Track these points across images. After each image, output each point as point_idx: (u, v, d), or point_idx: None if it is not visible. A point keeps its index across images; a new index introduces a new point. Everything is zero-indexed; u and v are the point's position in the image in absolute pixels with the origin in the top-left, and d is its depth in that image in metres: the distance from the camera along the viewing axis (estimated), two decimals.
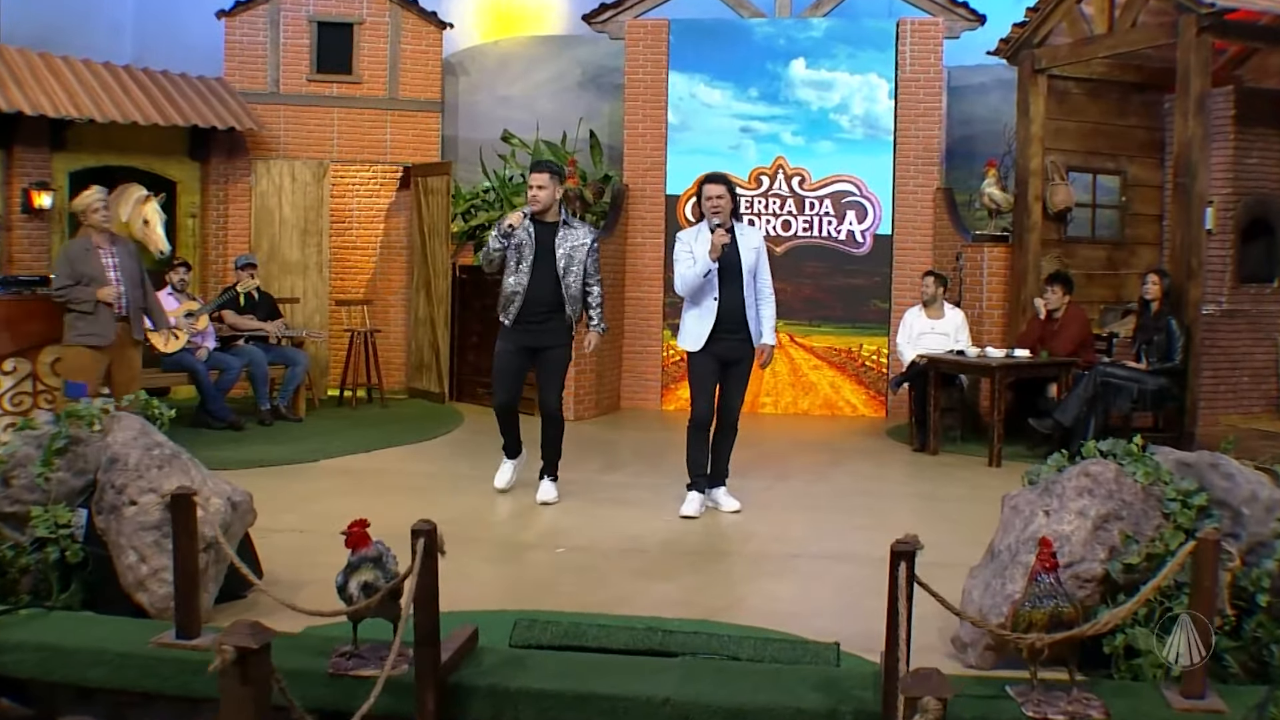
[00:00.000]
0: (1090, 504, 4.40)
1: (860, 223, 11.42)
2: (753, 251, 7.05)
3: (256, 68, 11.87)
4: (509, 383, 7.33)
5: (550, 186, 7.13)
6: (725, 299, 6.94)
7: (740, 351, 7.06)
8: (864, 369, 11.50)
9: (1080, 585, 4.25)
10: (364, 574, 4.09)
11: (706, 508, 7.15)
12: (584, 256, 7.22)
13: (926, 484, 8.26)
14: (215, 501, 5.03)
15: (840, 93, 11.48)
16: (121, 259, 7.91)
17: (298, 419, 10.34)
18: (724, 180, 7.02)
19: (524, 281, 7.12)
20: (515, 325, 7.20)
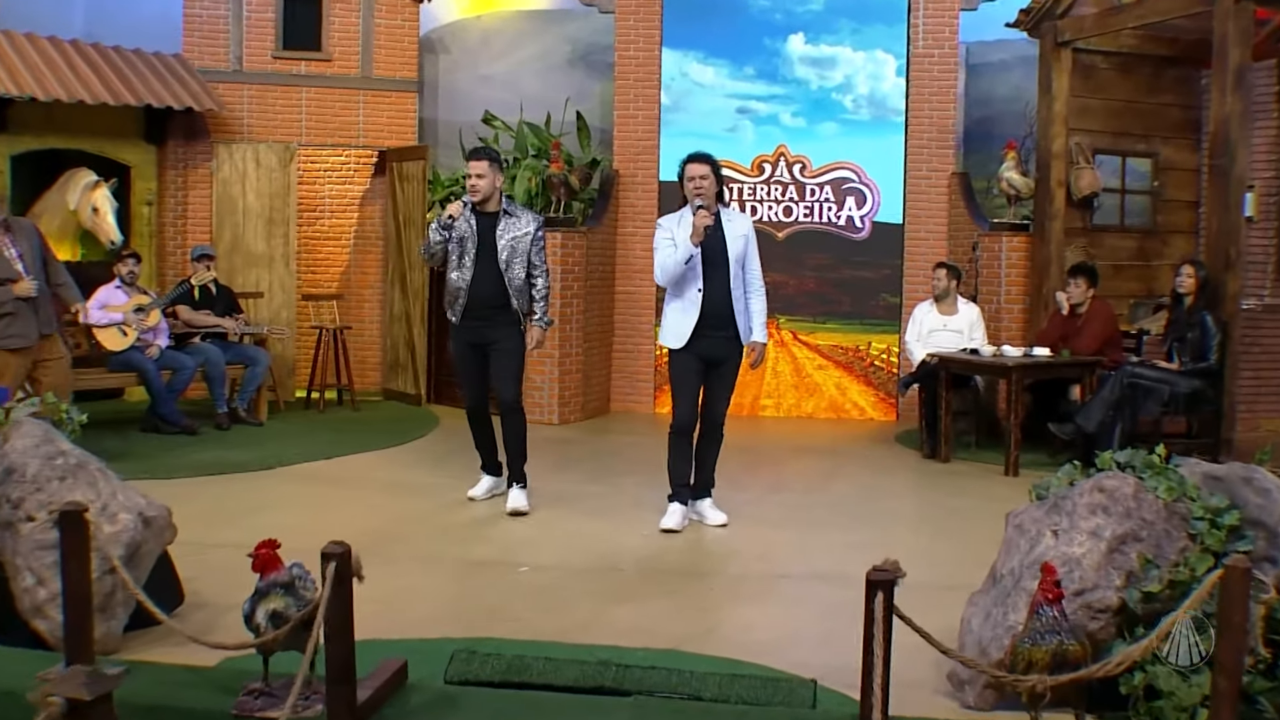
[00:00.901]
0: (1105, 523, 4.05)
1: (860, 208, 11.08)
2: (740, 239, 6.72)
3: (218, 44, 11.55)
4: (472, 382, 7.25)
5: (490, 174, 6.98)
6: (710, 291, 6.61)
7: (726, 350, 6.72)
8: (872, 369, 11.15)
9: (1092, 616, 3.91)
10: (272, 602, 3.78)
11: (690, 521, 6.82)
12: (527, 246, 7.04)
13: (934, 495, 7.91)
14: (123, 517, 4.70)
15: (843, 70, 11.14)
16: (21, 245, 7.56)
17: (258, 422, 10.03)
18: (708, 160, 6.68)
19: (467, 277, 7.00)
20: (463, 322, 7.09)
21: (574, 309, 10.64)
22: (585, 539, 6.52)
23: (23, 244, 7.59)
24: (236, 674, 4.18)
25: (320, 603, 3.50)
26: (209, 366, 9.72)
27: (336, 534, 6.50)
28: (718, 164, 6.73)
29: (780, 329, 11.28)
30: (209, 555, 6.02)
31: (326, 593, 3.49)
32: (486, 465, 7.40)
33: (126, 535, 4.66)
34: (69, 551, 4.01)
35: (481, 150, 7.16)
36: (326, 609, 3.48)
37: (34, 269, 7.57)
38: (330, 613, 3.51)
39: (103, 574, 4.57)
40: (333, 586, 3.50)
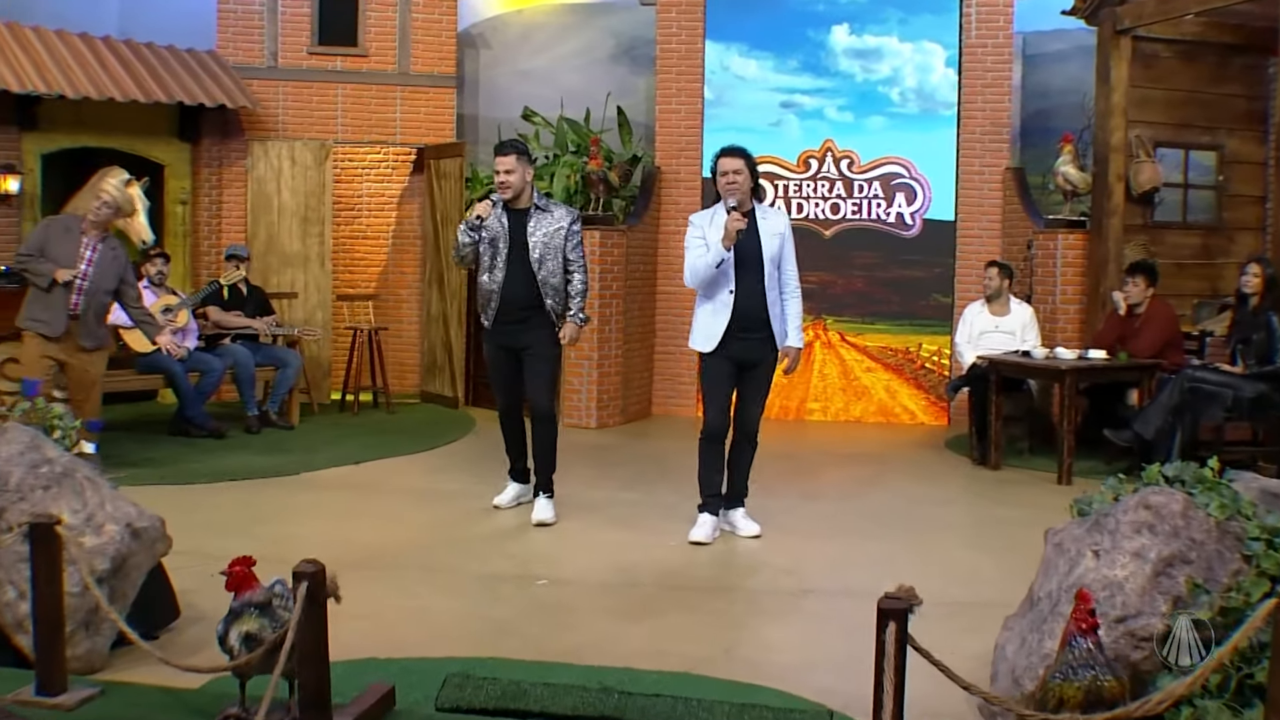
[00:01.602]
0: (1150, 543, 3.73)
1: (910, 205, 10.75)
2: (776, 237, 6.43)
3: (253, 40, 11.42)
4: (505, 384, 6.99)
5: (519, 169, 6.66)
6: (743, 292, 6.33)
7: (760, 353, 6.44)
8: (923, 371, 10.80)
9: (1135, 645, 3.59)
10: (246, 623, 3.56)
11: (721, 532, 6.54)
12: (561, 242, 6.73)
13: (981, 504, 7.57)
14: (110, 529, 4.50)
15: (890, 63, 10.81)
16: (101, 258, 7.47)
17: (289, 426, 9.86)
18: (742, 154, 6.40)
19: (499, 278, 6.71)
20: (495, 326, 6.81)
21: (613, 309, 10.39)
22: (609, 551, 6.27)
23: (103, 258, 7.49)
24: (216, 697, 3.97)
25: (291, 625, 3.25)
26: (238, 369, 9.56)
27: (351, 544, 6.35)
28: (752, 158, 6.45)
29: (828, 330, 10.97)
30: (213, 567, 5.73)
31: (298, 615, 3.25)
32: (514, 470, 7.16)
33: (112, 548, 4.46)
34: (39, 566, 3.83)
35: (508, 144, 6.82)
36: (298, 632, 3.25)
37: (95, 282, 7.45)
38: (303, 636, 3.27)
39: (85, 588, 4.38)
40: (305, 608, 3.26)
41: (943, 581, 5.76)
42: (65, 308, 7.36)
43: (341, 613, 5.06)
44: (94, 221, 7.48)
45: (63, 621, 3.88)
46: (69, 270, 7.28)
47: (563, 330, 6.82)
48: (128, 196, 7.75)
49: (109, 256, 7.50)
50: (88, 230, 7.46)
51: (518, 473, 7.14)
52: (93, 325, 7.53)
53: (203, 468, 8.16)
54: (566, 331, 6.83)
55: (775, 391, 10.85)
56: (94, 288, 7.44)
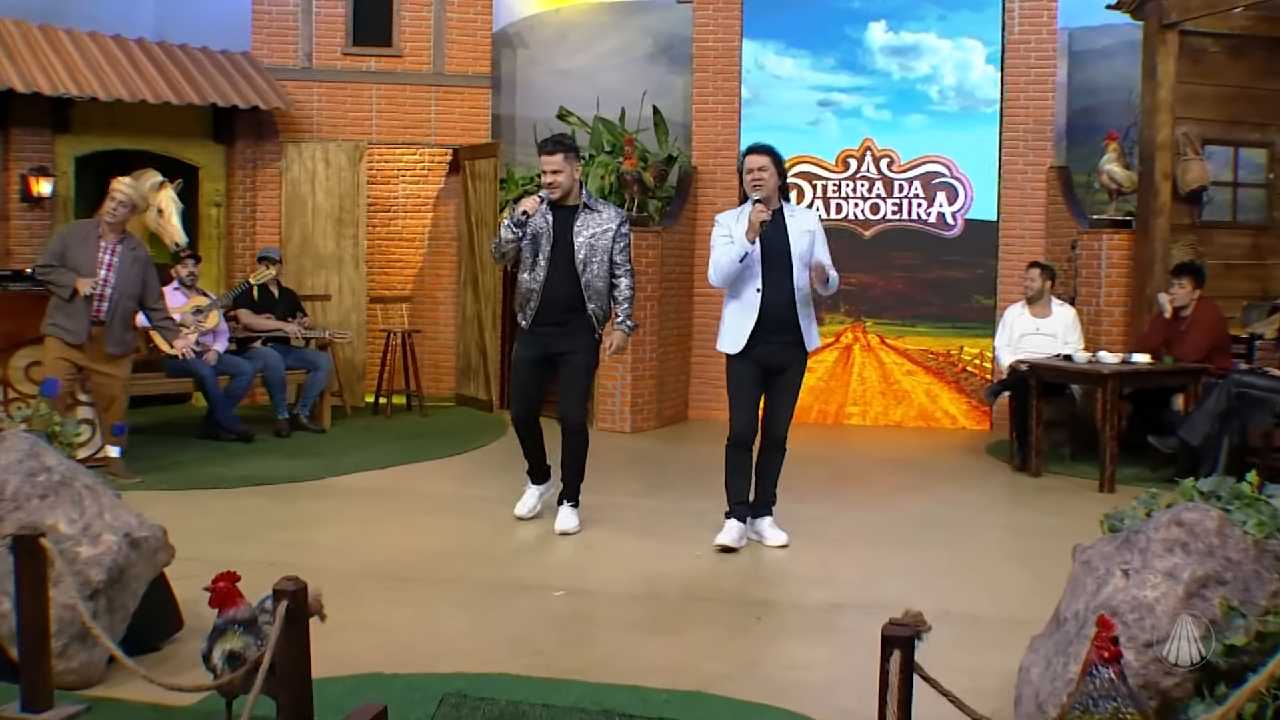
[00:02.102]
0: (1183, 563, 3.51)
1: (951, 204, 10.51)
2: (805, 235, 6.23)
3: (287, 40, 11.35)
4: (526, 393, 6.68)
5: (567, 167, 6.36)
6: (770, 292, 6.14)
7: (788, 357, 6.24)
8: (965, 375, 10.56)
9: (1166, 672, 3.37)
10: (230, 641, 3.42)
11: (748, 540, 6.35)
12: (609, 244, 6.45)
13: (1019, 513, 7.33)
14: (107, 539, 4.38)
15: (928, 60, 10.58)
16: (122, 261, 7.40)
17: (320, 430, 9.76)
18: (768, 151, 6.22)
19: (540, 277, 6.41)
20: (533, 328, 6.51)
21: (648, 311, 10.21)
22: (633, 560, 6.10)
23: (123, 260, 7.41)
24: (206, 715, 3.86)
25: (269, 645, 3.11)
26: (268, 372, 9.47)
27: (367, 552, 6.21)
28: (779, 156, 6.26)
29: (867, 332, 10.75)
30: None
31: (276, 634, 3.10)
32: (534, 471, 6.89)
33: (109, 558, 4.33)
34: (23, 579, 3.71)
35: (553, 141, 6.45)
36: (277, 652, 3.10)
37: (118, 285, 7.38)
38: (282, 656, 3.13)
39: (82, 599, 4.24)
40: (284, 628, 3.11)
41: (975, 594, 5.56)
42: (88, 315, 7.29)
43: (351, 624, 4.99)
44: (111, 224, 7.39)
45: (48, 636, 3.76)
46: (89, 280, 7.20)
47: (609, 339, 6.60)
48: (141, 193, 7.64)
49: (129, 258, 7.42)
50: (105, 234, 7.38)
51: (537, 472, 6.89)
52: (119, 331, 7.46)
53: (228, 472, 8.07)
54: (614, 340, 6.59)
55: (813, 395, 10.72)
56: (117, 293, 7.37)
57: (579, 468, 6.69)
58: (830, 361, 10.77)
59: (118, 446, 7.67)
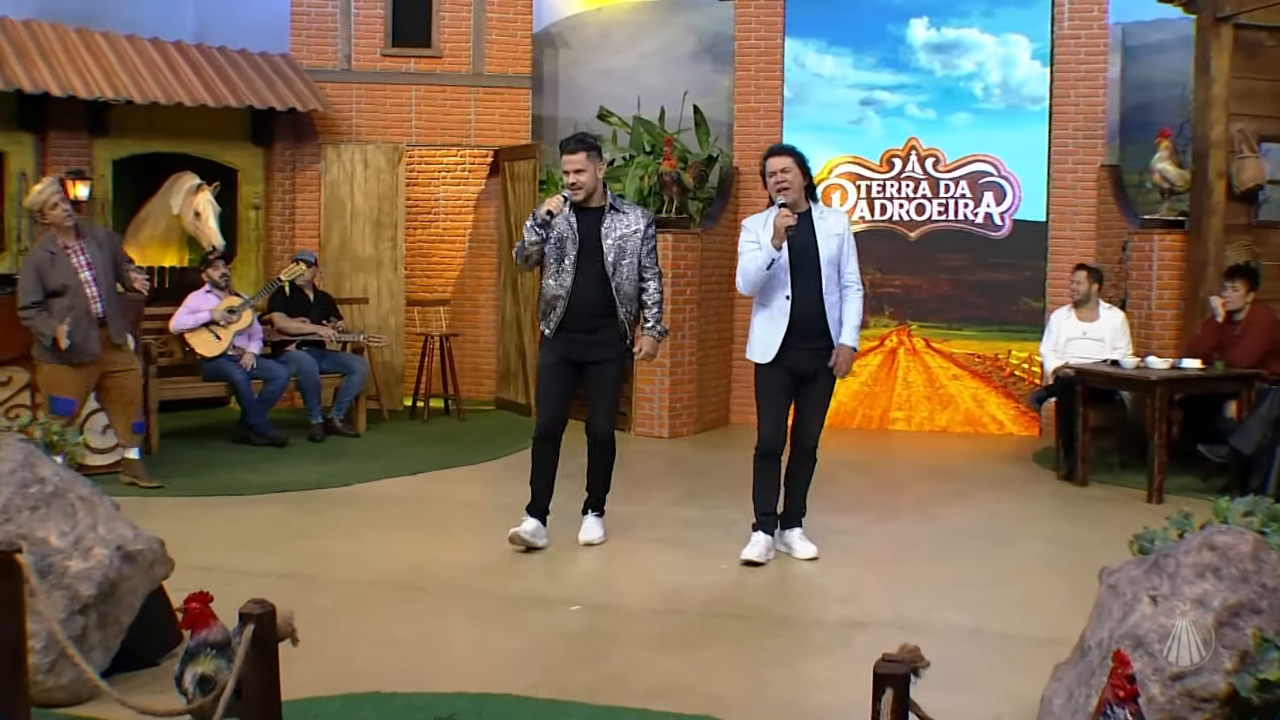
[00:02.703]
0: (1214, 589, 3.27)
1: (998, 204, 10.21)
2: (834, 239, 5.99)
3: (326, 42, 11.24)
4: (552, 405, 6.28)
5: (590, 167, 6.07)
6: (800, 298, 5.92)
7: (818, 364, 6.02)
8: (1012, 380, 10.26)
9: (1194, 707, 3.14)
10: (202, 664, 3.27)
11: (776, 553, 6.14)
12: (638, 245, 6.17)
13: (1061, 525, 7.06)
14: (99, 552, 4.25)
15: (973, 57, 10.30)
16: (92, 253, 7.24)
17: (354, 434, 9.64)
18: (791, 152, 5.99)
19: (567, 283, 6.10)
20: (559, 335, 6.19)
21: (687, 315, 10.01)
22: (656, 573, 5.90)
23: (93, 251, 7.28)
24: None
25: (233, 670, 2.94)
26: (302, 376, 9.37)
27: (385, 562, 6.06)
28: (803, 156, 6.03)
29: (912, 336, 10.48)
30: (237, 585, 5.55)
31: (241, 660, 2.94)
32: (535, 506, 6.31)
33: (99, 572, 4.21)
34: None
35: (575, 140, 6.17)
36: (241, 678, 2.94)
37: (103, 279, 7.27)
38: (249, 682, 2.96)
39: (71, 614, 4.14)
40: (250, 653, 2.95)
41: (1008, 611, 5.31)
42: (91, 326, 7.16)
43: (358, 638, 4.85)
44: (66, 228, 7.21)
45: (24, 655, 3.63)
46: (64, 329, 6.99)
47: (639, 344, 6.29)
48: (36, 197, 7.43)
49: (95, 247, 7.26)
50: (67, 243, 7.18)
51: (538, 510, 6.32)
52: (118, 320, 7.33)
53: (255, 478, 7.96)
54: (644, 346, 6.28)
55: (856, 400, 10.48)
56: (104, 285, 7.22)
57: (605, 479, 6.47)
58: (874, 365, 10.51)
59: (136, 447, 7.58)
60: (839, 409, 10.44)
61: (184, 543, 6.36)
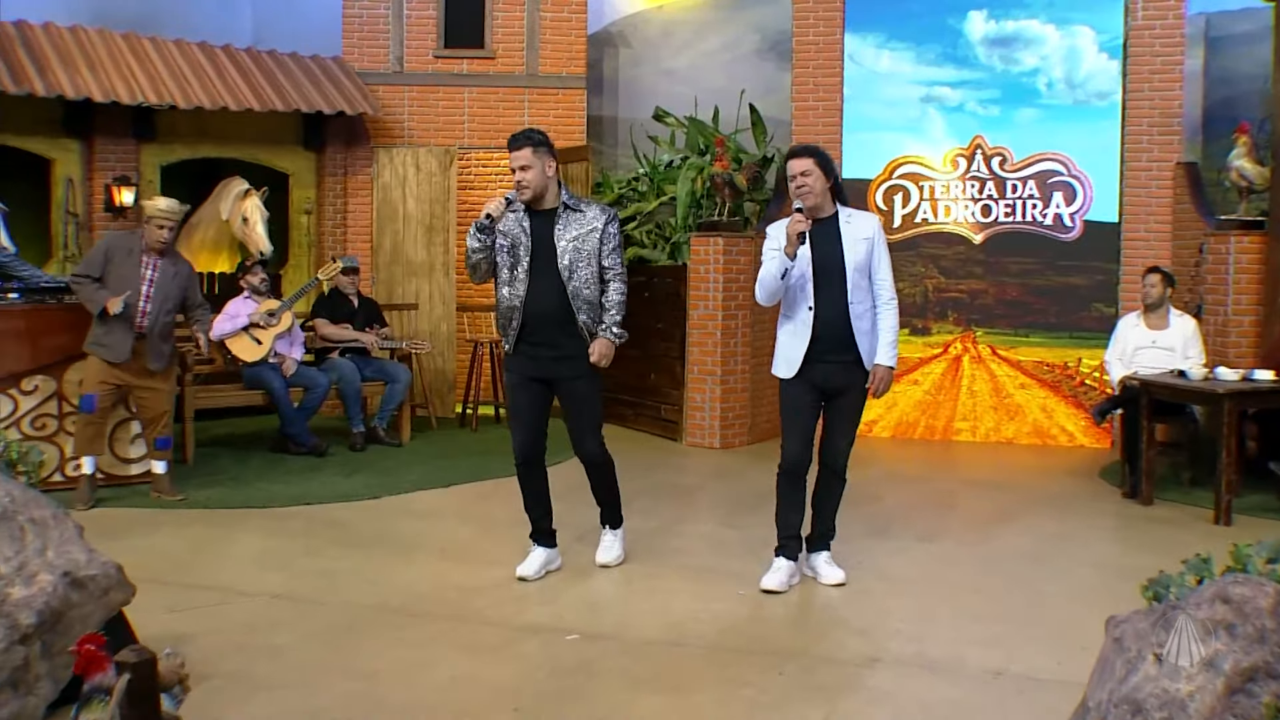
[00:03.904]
0: (1226, 649, 2.82)
1: (1068, 205, 9.68)
2: (862, 243, 5.55)
3: (378, 44, 11.04)
4: (524, 427, 5.79)
5: (538, 164, 5.52)
6: (824, 308, 5.49)
7: (846, 378, 5.57)
8: (1083, 389, 9.71)
9: None
10: (94, 711, 2.97)
11: (801, 578, 5.74)
12: (595, 246, 5.64)
13: (1118, 550, 6.56)
14: (44, 579, 3.98)
15: (1036, 50, 9.79)
16: (162, 276, 7.21)
17: (397, 443, 9.39)
18: (812, 153, 5.55)
19: (520, 291, 5.59)
20: (519, 350, 5.70)
21: (739, 321, 9.62)
22: (669, 598, 5.53)
23: (164, 276, 7.22)
24: None
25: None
26: (343, 384, 9.15)
27: (386, 585, 5.74)
28: (826, 156, 5.61)
29: (977, 343, 9.98)
30: (231, 606, 5.36)
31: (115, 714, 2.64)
32: (538, 533, 5.96)
33: (41, 600, 3.93)
34: None
35: (521, 136, 5.56)
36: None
37: (158, 301, 7.18)
38: None
39: (11, 644, 3.89)
40: (124, 707, 2.64)
41: (1039, 650, 4.84)
42: (129, 332, 7.07)
43: (335, 669, 4.55)
44: (151, 245, 7.19)
45: None
46: (119, 299, 6.96)
47: (593, 347, 5.69)
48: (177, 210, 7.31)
49: (170, 274, 7.20)
50: (149, 249, 7.15)
51: (542, 535, 5.96)
52: (159, 345, 7.24)
53: (283, 490, 7.74)
54: (596, 348, 5.68)
55: (919, 409, 10.01)
56: (157, 308, 7.17)
57: (611, 495, 6.09)
58: (938, 374, 10.04)
59: (163, 461, 7.41)
60: (900, 420, 10.00)
61: (191, 559, 6.19)
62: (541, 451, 5.86)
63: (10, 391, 7.37)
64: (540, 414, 5.80)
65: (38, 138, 9.44)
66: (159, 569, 5.93)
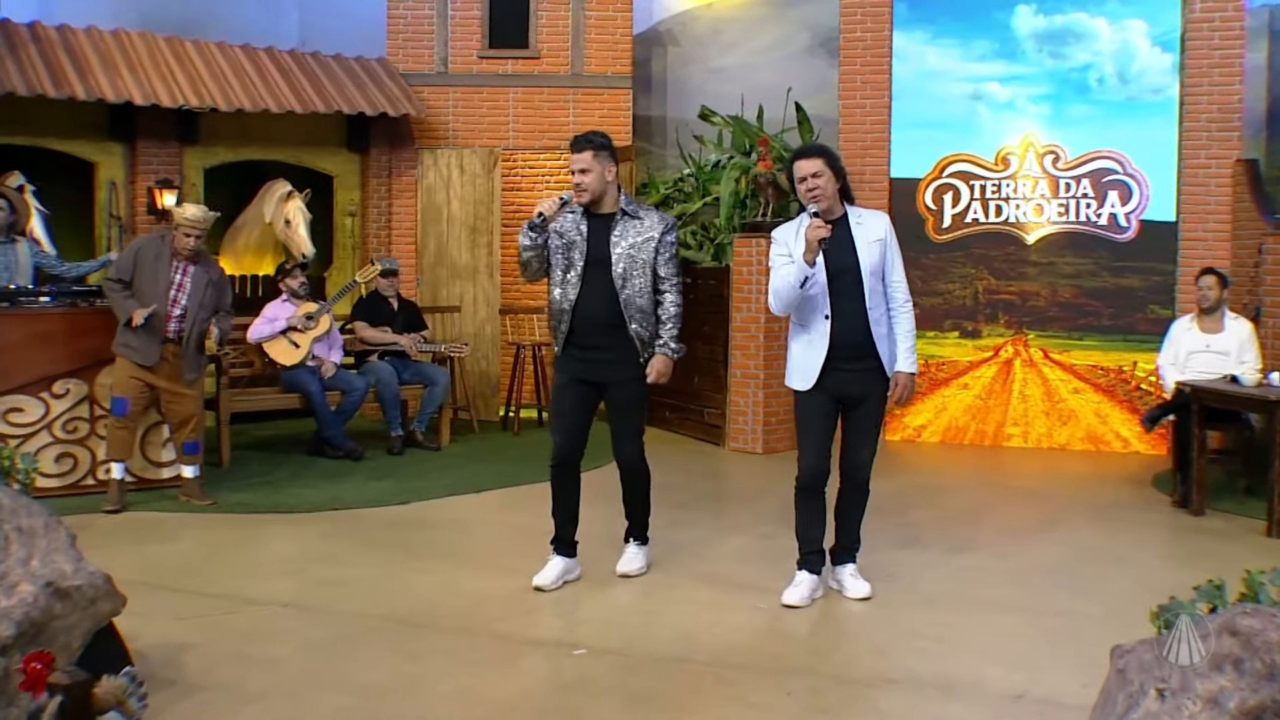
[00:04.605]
0: (1231, 686, 2.59)
1: (1124, 204, 9.34)
2: (876, 245, 5.33)
3: (422, 45, 10.95)
4: (565, 429, 5.70)
5: (597, 168, 5.47)
6: (841, 317, 5.27)
7: (865, 386, 5.35)
8: (1138, 393, 9.37)
9: None
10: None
11: (824, 592, 5.52)
12: (650, 255, 5.55)
13: (1161, 564, 6.25)
14: (24, 589, 3.88)
15: (1086, 45, 9.47)
16: (194, 282, 7.15)
17: (435, 447, 9.27)
18: (820, 153, 5.32)
19: (572, 295, 5.53)
20: (567, 352, 5.64)
21: (782, 325, 9.34)
22: (683, 612, 5.34)
23: (195, 283, 7.16)
24: None
25: None
26: (380, 387, 9.04)
27: (398, 595, 5.59)
28: (836, 156, 5.39)
29: (1029, 346, 9.68)
30: (240, 614, 5.27)
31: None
32: (559, 541, 5.80)
33: (20, 611, 3.83)
34: None
35: (583, 138, 5.53)
36: None
37: (191, 306, 7.13)
38: None
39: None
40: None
41: (1065, 673, 4.58)
42: (158, 336, 7.02)
43: (332, 684, 4.42)
44: (180, 250, 7.11)
45: None
46: (143, 311, 6.93)
47: (651, 364, 5.63)
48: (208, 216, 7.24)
49: (203, 280, 7.15)
50: (180, 253, 7.08)
51: (563, 544, 5.81)
52: (194, 356, 7.20)
53: (313, 495, 7.64)
54: (655, 365, 5.62)
55: (969, 414, 9.72)
56: (189, 314, 7.11)
57: (643, 507, 5.93)
58: (988, 378, 9.74)
59: (192, 466, 7.35)
60: (950, 424, 9.74)
61: (208, 565, 6.11)
62: (578, 457, 5.77)
63: (42, 395, 7.34)
64: (583, 417, 5.72)
65: (81, 141, 9.45)
66: (174, 575, 5.86)
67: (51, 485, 7.31)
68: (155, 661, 4.59)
